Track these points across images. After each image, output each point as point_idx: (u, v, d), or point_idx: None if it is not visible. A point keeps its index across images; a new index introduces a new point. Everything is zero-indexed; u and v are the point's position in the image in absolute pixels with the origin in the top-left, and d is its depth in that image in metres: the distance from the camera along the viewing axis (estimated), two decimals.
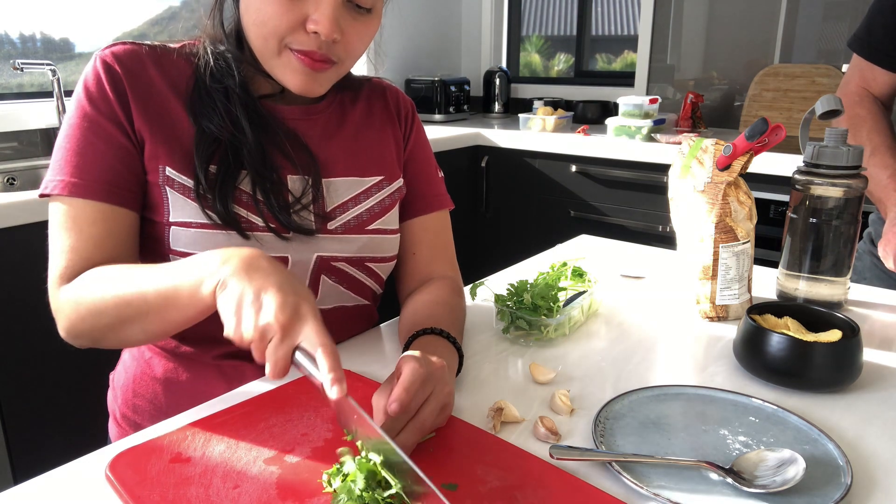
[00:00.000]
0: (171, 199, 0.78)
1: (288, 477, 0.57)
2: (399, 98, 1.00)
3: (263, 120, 0.83)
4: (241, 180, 0.80)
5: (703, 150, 0.96)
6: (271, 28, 0.75)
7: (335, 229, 0.85)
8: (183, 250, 0.78)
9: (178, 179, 0.78)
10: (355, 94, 0.95)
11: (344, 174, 0.88)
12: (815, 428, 0.66)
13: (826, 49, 2.48)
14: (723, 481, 0.58)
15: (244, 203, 0.80)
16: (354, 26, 0.79)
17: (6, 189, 1.87)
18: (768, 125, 0.90)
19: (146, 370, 0.88)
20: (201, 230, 0.78)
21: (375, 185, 0.90)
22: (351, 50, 0.81)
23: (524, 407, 0.71)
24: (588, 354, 0.86)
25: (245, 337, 0.57)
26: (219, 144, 0.80)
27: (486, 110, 3.26)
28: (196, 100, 0.81)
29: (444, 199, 1.00)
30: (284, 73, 0.79)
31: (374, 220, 0.89)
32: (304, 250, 0.83)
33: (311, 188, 0.84)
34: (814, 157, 0.94)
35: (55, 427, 1.54)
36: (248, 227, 0.79)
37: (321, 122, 0.89)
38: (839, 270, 0.97)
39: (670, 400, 0.73)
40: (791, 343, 0.75)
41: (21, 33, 2.03)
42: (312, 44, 0.76)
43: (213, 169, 0.79)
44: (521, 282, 0.93)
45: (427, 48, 3.25)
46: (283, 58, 0.78)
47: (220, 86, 0.82)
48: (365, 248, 0.88)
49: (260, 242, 0.80)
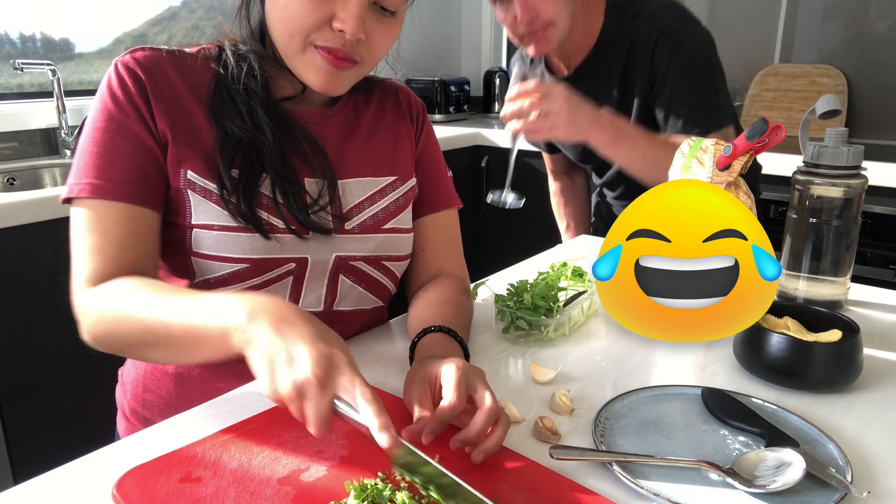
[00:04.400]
0: (193, 202, 0.79)
1: (303, 498, 0.56)
2: (411, 98, 1.02)
3: (284, 123, 0.84)
4: (262, 182, 0.81)
5: (703, 150, 0.96)
6: (297, 25, 0.76)
7: (352, 229, 0.86)
8: (206, 252, 0.79)
9: (199, 183, 0.79)
10: (368, 96, 0.96)
11: (358, 175, 0.89)
12: (815, 428, 0.66)
13: (826, 49, 2.48)
14: (723, 481, 0.58)
15: (265, 205, 0.81)
16: (378, 28, 0.80)
17: (6, 189, 1.87)
18: (768, 125, 0.90)
19: (158, 365, 0.88)
20: (224, 232, 0.79)
21: (389, 185, 0.91)
22: (374, 51, 0.82)
23: (524, 407, 0.71)
24: (588, 354, 0.85)
25: (282, 394, 0.56)
26: (241, 147, 0.81)
27: (486, 110, 3.26)
28: (217, 102, 0.82)
29: (454, 198, 1.02)
30: (308, 71, 0.80)
31: (390, 219, 0.90)
32: (324, 250, 0.84)
33: (327, 190, 0.85)
34: (814, 157, 0.94)
35: (56, 426, 1.54)
36: (269, 228, 0.80)
37: (336, 124, 0.90)
38: (839, 270, 0.97)
39: (670, 400, 0.73)
40: (791, 343, 0.75)
41: (21, 33, 2.03)
42: (337, 41, 0.77)
43: (234, 173, 0.79)
44: (521, 282, 0.93)
45: (427, 48, 3.25)
46: (308, 55, 0.79)
47: (241, 87, 0.82)
48: (381, 246, 0.89)
49: (280, 243, 0.81)
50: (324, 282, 0.86)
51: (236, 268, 0.80)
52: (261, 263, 0.81)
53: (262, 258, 0.80)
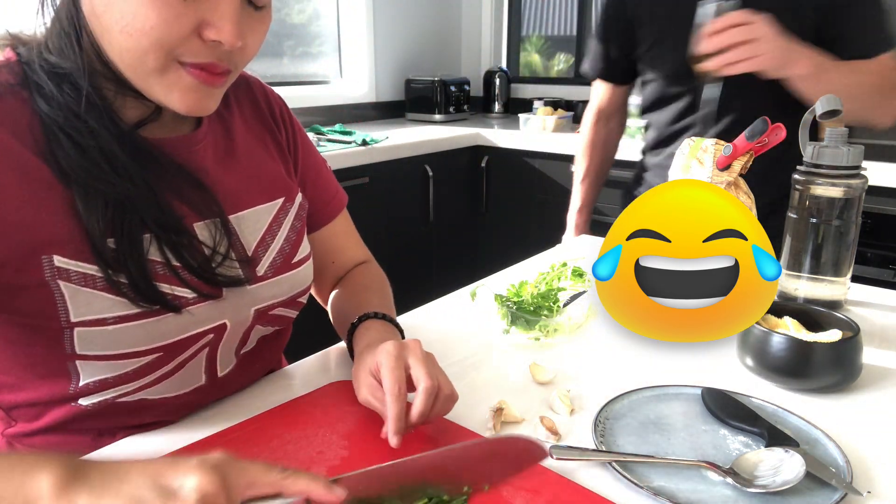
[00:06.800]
0: (69, 296, 0.60)
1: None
2: (269, 96, 0.84)
3: (149, 159, 0.65)
4: (147, 247, 0.63)
5: (703, 150, 0.96)
6: (154, 39, 0.57)
7: (265, 274, 0.74)
8: (98, 353, 0.62)
9: (75, 269, 0.60)
10: (225, 100, 0.77)
11: (249, 204, 0.74)
12: (815, 428, 0.66)
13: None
14: (723, 481, 0.58)
15: (161, 276, 0.64)
16: (253, 26, 0.63)
17: None
18: (768, 125, 0.90)
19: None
20: (123, 325, 0.62)
21: (281, 210, 0.78)
22: (249, 55, 0.66)
23: (524, 407, 0.71)
24: (588, 354, 0.85)
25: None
26: (108, 204, 0.61)
27: (486, 110, 3.26)
28: (56, 148, 0.60)
29: (342, 196, 0.93)
30: (170, 93, 0.61)
31: (296, 249, 0.78)
32: (240, 308, 0.71)
33: (222, 232, 0.69)
34: (814, 157, 0.94)
35: None
36: (178, 303, 0.65)
37: (209, 149, 0.73)
38: (839, 270, 0.97)
39: (670, 400, 0.73)
40: (791, 343, 0.75)
41: None
42: (210, 55, 0.61)
43: (111, 243, 0.61)
44: (522, 282, 0.93)
45: (427, 48, 3.25)
46: (170, 75, 0.60)
47: (77, 122, 0.61)
48: (296, 284, 0.78)
49: (193, 316, 0.66)
50: (238, 339, 0.74)
51: (143, 361, 0.65)
52: (174, 348, 0.66)
53: (176, 341, 0.66)
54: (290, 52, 2.83)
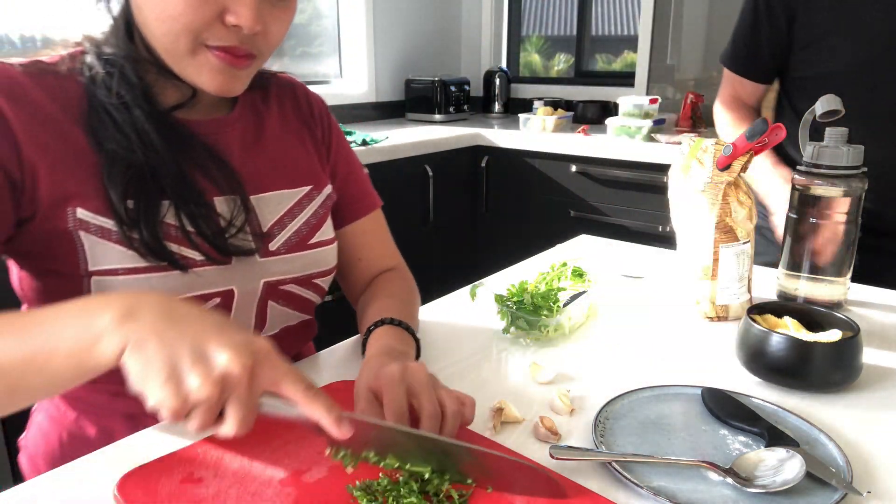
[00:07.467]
0: (88, 246, 0.68)
1: (305, 499, 0.55)
2: (309, 96, 0.93)
3: (179, 136, 0.74)
4: (165, 212, 0.71)
5: (703, 150, 0.97)
6: (183, 24, 0.66)
7: (277, 249, 0.79)
8: None
9: (93, 221, 0.68)
10: (265, 95, 0.87)
11: (272, 188, 0.81)
12: (815, 428, 0.66)
13: None
14: (723, 481, 0.58)
15: (174, 237, 0.71)
16: (275, 14, 0.71)
17: None
18: (768, 125, 0.90)
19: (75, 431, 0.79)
20: (132, 276, 0.68)
21: (306, 196, 0.84)
22: (272, 41, 0.73)
23: (524, 407, 0.71)
24: (588, 354, 0.86)
25: (196, 397, 0.48)
26: (132, 171, 0.70)
27: (486, 110, 3.26)
28: (95, 121, 0.70)
29: (374, 198, 0.97)
30: (201, 74, 0.70)
31: (314, 232, 0.83)
32: (250, 278, 0.77)
33: (241, 208, 0.76)
34: (814, 157, 0.94)
35: None
36: (185, 263, 0.71)
37: (238, 132, 0.81)
38: (839, 270, 0.97)
39: (670, 400, 0.73)
40: (791, 343, 0.75)
41: (21, 34, 2.03)
42: (233, 38, 0.68)
43: (129, 204, 0.69)
44: (522, 282, 0.93)
45: (427, 48, 3.25)
46: (199, 57, 0.69)
47: (117, 100, 0.70)
48: (310, 264, 0.83)
49: (200, 277, 0.72)
50: (252, 312, 0.79)
51: None
52: None
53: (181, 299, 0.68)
54: (291, 52, 2.84)
